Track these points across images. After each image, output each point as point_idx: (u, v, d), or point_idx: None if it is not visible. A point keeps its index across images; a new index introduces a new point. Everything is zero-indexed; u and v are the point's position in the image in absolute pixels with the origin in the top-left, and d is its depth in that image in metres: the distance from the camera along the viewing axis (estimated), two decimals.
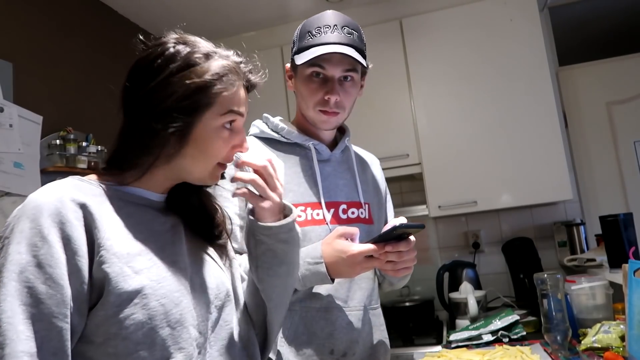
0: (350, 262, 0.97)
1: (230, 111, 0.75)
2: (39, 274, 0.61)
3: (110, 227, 0.68)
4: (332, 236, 1.01)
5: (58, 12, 1.97)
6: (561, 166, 2.09)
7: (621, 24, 3.00)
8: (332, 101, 1.10)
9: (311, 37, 1.09)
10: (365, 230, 1.15)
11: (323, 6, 2.41)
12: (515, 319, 1.76)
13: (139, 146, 0.72)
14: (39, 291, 0.60)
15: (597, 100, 2.50)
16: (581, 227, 2.20)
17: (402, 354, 1.89)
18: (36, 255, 0.61)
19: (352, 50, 1.07)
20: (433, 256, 2.56)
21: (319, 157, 1.17)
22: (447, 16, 2.27)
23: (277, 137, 1.16)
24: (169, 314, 0.68)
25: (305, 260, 1.01)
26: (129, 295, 0.65)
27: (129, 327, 0.65)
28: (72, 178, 0.72)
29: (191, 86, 0.71)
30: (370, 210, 1.21)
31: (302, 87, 1.13)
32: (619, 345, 1.34)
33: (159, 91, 0.71)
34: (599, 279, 1.65)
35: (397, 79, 2.29)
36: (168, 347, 0.68)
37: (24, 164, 1.67)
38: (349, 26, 1.12)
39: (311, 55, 1.05)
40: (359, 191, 1.19)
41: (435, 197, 2.21)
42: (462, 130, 2.20)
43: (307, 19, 1.14)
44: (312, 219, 1.10)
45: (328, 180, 1.16)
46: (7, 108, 1.63)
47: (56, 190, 0.66)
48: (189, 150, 0.73)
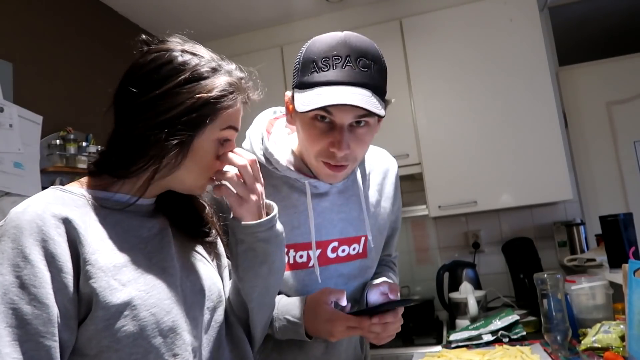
0: (333, 330, 0.91)
1: (230, 127, 0.76)
2: (23, 295, 0.60)
3: (95, 239, 0.67)
4: (319, 299, 0.94)
5: (58, 12, 1.97)
6: (561, 166, 2.09)
7: (621, 24, 3.00)
8: (339, 155, 0.88)
9: (316, 69, 0.86)
10: (358, 265, 1.06)
11: (323, 6, 2.41)
12: (515, 319, 1.76)
13: (136, 153, 0.70)
14: (24, 312, 0.59)
15: (597, 100, 2.50)
16: (581, 227, 2.20)
17: (402, 354, 1.89)
18: (19, 275, 0.60)
19: (366, 97, 0.84)
20: (433, 256, 2.56)
21: (315, 190, 0.99)
22: (447, 16, 2.27)
23: (267, 165, 0.98)
24: (160, 323, 0.68)
25: (285, 316, 0.95)
26: (117, 308, 0.64)
27: (120, 340, 0.64)
28: (53, 189, 0.70)
29: (200, 100, 0.71)
30: (367, 242, 1.05)
31: (301, 130, 0.91)
32: (619, 345, 1.34)
33: (165, 101, 0.70)
34: (599, 279, 1.65)
35: (397, 79, 2.29)
36: (162, 355, 0.68)
37: (24, 164, 1.67)
38: (365, 57, 0.86)
39: (313, 105, 0.83)
40: (365, 222, 1.04)
41: (435, 197, 2.21)
42: (462, 130, 2.20)
43: (314, 39, 0.90)
44: (295, 262, 0.99)
45: (321, 216, 1.00)
46: (7, 108, 1.63)
47: (36, 206, 0.64)
48: (186, 162, 0.73)
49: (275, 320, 0.96)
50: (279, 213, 0.83)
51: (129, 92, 0.71)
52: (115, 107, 0.75)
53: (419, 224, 2.59)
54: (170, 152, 0.70)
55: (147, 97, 0.70)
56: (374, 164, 1.13)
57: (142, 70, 0.72)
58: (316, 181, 0.98)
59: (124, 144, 0.71)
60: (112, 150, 0.73)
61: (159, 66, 0.72)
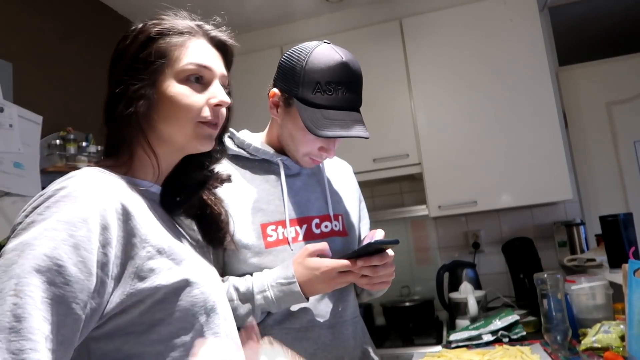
0: (323, 278, 0.96)
1: (190, 64, 0.73)
2: (72, 255, 0.57)
3: (145, 220, 0.68)
4: (303, 254, 0.99)
5: (58, 12, 1.97)
6: (561, 166, 2.09)
7: (621, 24, 3.00)
8: (326, 156, 1.09)
9: (320, 91, 1.00)
10: (341, 242, 1.13)
11: (323, 6, 2.41)
12: (515, 319, 1.76)
13: (118, 122, 0.71)
14: (69, 272, 0.56)
15: (597, 100, 2.50)
16: (581, 227, 2.20)
17: (402, 354, 1.89)
18: (73, 235, 0.58)
19: (363, 125, 1.03)
20: (433, 256, 2.56)
21: (288, 171, 1.13)
22: (447, 16, 2.27)
23: (244, 153, 1.12)
24: (206, 302, 0.71)
25: (277, 281, 0.98)
26: (176, 285, 0.66)
27: (174, 314, 0.66)
28: (93, 169, 0.69)
29: (138, 46, 0.72)
30: (344, 221, 1.17)
31: (295, 132, 1.06)
32: (619, 345, 1.34)
33: (120, 63, 0.73)
34: (599, 279, 1.65)
35: (397, 79, 2.29)
36: (204, 333, 0.70)
37: (24, 164, 1.67)
38: (359, 82, 1.05)
39: (330, 134, 0.99)
40: (328, 203, 1.15)
41: (435, 197, 2.21)
42: (462, 130, 2.20)
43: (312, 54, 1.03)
44: (284, 237, 1.07)
45: (299, 195, 1.12)
46: (7, 108, 1.63)
47: (92, 182, 0.64)
48: (161, 114, 0.72)
49: (267, 291, 0.98)
50: (261, 196, 1.07)
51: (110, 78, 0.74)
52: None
53: (419, 224, 2.59)
54: (138, 101, 0.70)
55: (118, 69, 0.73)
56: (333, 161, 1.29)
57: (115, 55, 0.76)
58: (288, 159, 1.12)
59: (111, 120, 0.73)
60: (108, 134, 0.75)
61: (127, 46, 0.74)
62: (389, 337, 2.19)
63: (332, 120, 1.00)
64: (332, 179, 1.23)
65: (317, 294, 1.01)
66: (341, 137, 1.01)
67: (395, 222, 2.57)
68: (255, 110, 1.58)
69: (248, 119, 1.26)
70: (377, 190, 2.63)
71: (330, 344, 1.05)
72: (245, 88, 1.98)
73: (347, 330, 1.09)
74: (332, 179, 1.23)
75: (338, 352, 1.06)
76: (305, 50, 1.04)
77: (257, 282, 1.00)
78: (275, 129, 1.13)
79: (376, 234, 1.05)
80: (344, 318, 1.10)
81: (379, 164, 2.24)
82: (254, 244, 1.04)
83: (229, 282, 1.03)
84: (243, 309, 0.99)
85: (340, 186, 1.24)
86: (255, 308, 0.99)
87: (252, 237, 1.04)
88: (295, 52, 1.06)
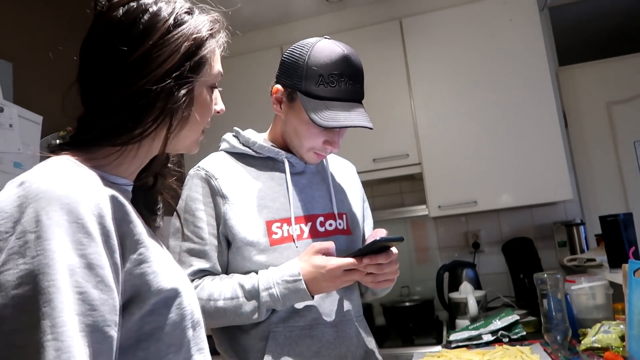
0: (329, 276, 0.96)
1: (219, 73, 0.72)
2: (90, 277, 0.52)
3: (134, 220, 0.61)
4: (309, 252, 1.00)
5: (58, 12, 1.97)
6: (561, 166, 2.09)
7: (621, 24, 3.00)
8: (330, 150, 1.10)
9: (323, 83, 1.02)
10: (345, 241, 1.14)
11: (323, 6, 2.41)
12: (515, 319, 1.76)
13: (141, 112, 0.63)
14: (92, 297, 0.51)
15: (597, 100, 2.50)
16: (581, 227, 2.20)
17: (402, 354, 1.89)
18: (84, 254, 0.52)
19: (366, 115, 1.05)
20: (433, 256, 2.56)
21: (293, 169, 1.14)
22: (447, 16, 2.27)
23: (249, 151, 1.13)
24: (193, 314, 0.67)
25: (283, 278, 0.98)
26: (167, 294, 0.61)
27: (164, 327, 0.61)
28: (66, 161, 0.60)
29: (196, 42, 0.67)
30: (348, 220, 1.18)
31: (300, 126, 1.07)
32: (619, 345, 1.34)
33: (160, 51, 0.64)
34: (599, 279, 1.65)
35: (397, 79, 2.29)
36: (190, 349, 0.66)
37: (24, 164, 1.67)
38: (360, 74, 1.06)
39: (335, 124, 1.00)
40: (332, 202, 1.16)
41: (435, 197, 2.21)
42: (462, 130, 2.20)
43: (314, 48, 1.05)
44: (289, 235, 1.07)
45: (304, 192, 1.13)
46: (7, 108, 1.63)
47: (78, 175, 0.57)
48: (193, 115, 0.69)
49: (273, 288, 0.98)
50: (266, 193, 1.08)
51: (112, 51, 0.65)
52: (90, 72, 0.69)
53: (419, 224, 2.59)
54: (180, 102, 0.65)
55: (139, 52, 0.63)
56: (337, 161, 1.31)
57: (120, 26, 0.65)
58: (293, 157, 1.13)
59: (122, 106, 0.63)
60: (102, 117, 0.64)
61: (136, 18, 0.65)
62: (389, 337, 2.18)
63: (336, 112, 1.01)
64: (336, 178, 1.23)
65: (323, 292, 1.01)
66: (345, 127, 1.02)
67: (395, 222, 2.57)
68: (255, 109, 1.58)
69: (248, 118, 1.26)
70: (377, 190, 2.63)
71: (334, 342, 1.05)
72: (245, 88, 1.98)
73: (351, 329, 1.10)
74: (336, 178, 1.23)
75: (342, 350, 1.06)
76: (307, 45, 1.06)
77: (262, 280, 1.00)
78: (279, 126, 1.14)
79: (379, 233, 1.06)
80: (348, 317, 1.10)
81: (379, 164, 2.24)
82: (260, 241, 1.04)
83: (233, 279, 1.02)
84: (248, 306, 0.99)
85: (344, 185, 1.24)
86: (260, 305, 0.99)
87: (257, 234, 1.04)
88: (297, 47, 1.08)
